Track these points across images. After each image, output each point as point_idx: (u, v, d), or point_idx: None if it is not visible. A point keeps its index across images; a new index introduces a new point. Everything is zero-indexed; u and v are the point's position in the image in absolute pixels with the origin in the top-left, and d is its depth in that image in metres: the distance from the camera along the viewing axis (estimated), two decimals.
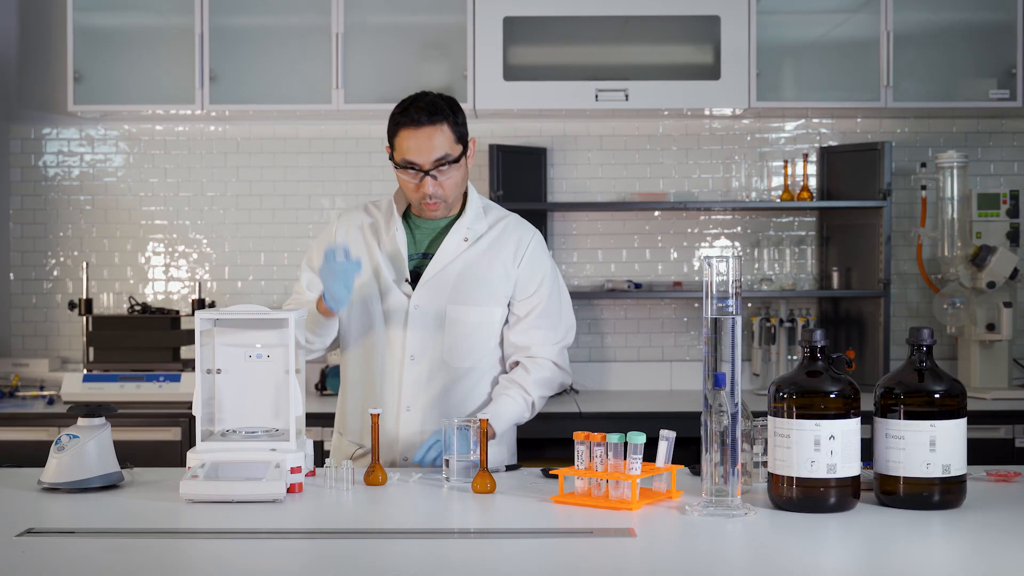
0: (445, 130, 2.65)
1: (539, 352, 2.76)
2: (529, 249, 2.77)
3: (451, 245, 2.74)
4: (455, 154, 2.67)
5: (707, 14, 4.20)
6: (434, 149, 2.64)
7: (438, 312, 2.72)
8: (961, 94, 4.31)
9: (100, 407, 2.47)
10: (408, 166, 2.66)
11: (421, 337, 2.71)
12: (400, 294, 2.73)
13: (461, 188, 2.73)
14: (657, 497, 2.28)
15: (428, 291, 2.72)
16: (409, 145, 2.64)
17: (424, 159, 2.64)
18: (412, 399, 2.72)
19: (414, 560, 1.91)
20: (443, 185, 2.67)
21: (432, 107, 2.66)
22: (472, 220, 2.76)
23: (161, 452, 3.84)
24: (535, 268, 2.77)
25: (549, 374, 2.76)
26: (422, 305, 2.72)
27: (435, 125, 2.64)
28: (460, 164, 2.69)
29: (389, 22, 4.30)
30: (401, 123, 2.66)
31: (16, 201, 4.64)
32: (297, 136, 4.63)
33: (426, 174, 2.65)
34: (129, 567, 1.87)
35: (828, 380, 2.18)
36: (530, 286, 2.76)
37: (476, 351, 2.75)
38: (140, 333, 4.19)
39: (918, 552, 1.95)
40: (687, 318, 4.65)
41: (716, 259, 2.18)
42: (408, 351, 2.72)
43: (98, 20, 4.32)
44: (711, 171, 4.64)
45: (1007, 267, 4.18)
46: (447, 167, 2.66)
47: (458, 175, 2.70)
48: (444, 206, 2.72)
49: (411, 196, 2.72)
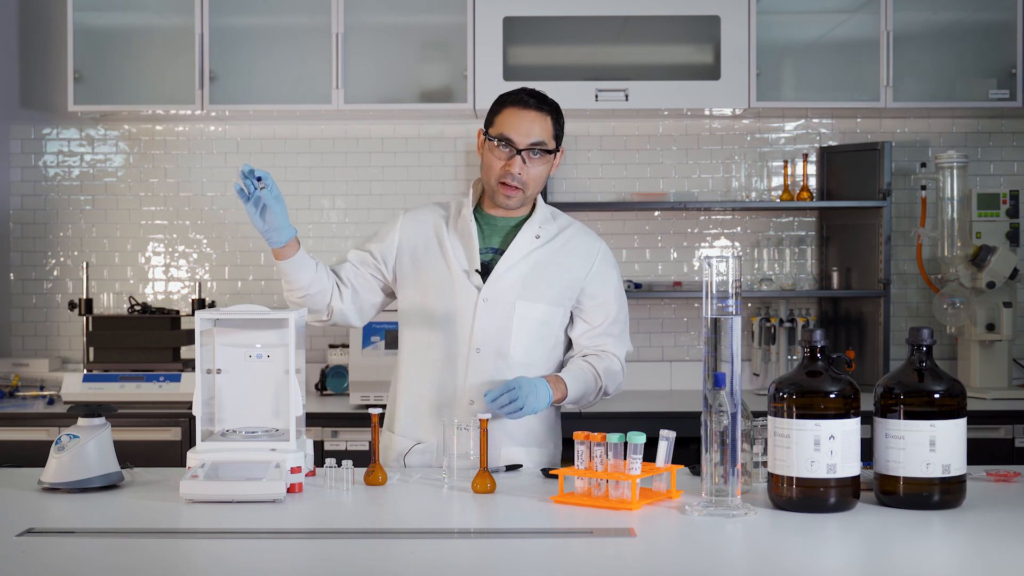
0: (547, 121, 2.73)
1: (611, 350, 2.81)
2: (599, 258, 2.82)
3: (524, 241, 2.76)
4: (550, 146, 2.72)
5: (707, 14, 4.20)
6: (533, 133, 2.69)
7: (506, 306, 2.72)
8: (961, 94, 4.31)
9: (100, 407, 2.47)
10: (504, 141, 2.70)
11: (488, 330, 2.72)
12: (470, 286, 2.73)
13: (540, 186, 2.77)
14: (657, 497, 2.28)
15: (498, 285, 2.73)
16: (511, 122, 2.70)
17: (522, 139, 2.69)
18: (476, 393, 2.70)
19: (414, 560, 1.91)
20: (528, 172, 2.71)
21: (542, 97, 2.75)
22: (542, 221, 2.80)
23: (161, 452, 3.84)
24: (608, 278, 2.82)
25: (617, 369, 2.80)
26: (491, 298, 2.72)
27: (541, 112, 2.72)
28: (548, 160, 2.74)
29: (389, 22, 4.30)
30: (509, 101, 2.73)
31: (16, 201, 4.64)
32: (297, 136, 4.63)
33: (519, 152, 2.69)
34: (129, 567, 1.87)
35: (828, 380, 2.18)
36: (603, 296, 2.80)
37: (538, 349, 2.76)
38: (140, 333, 4.19)
39: (918, 552, 1.95)
40: (687, 318, 4.65)
41: (716, 259, 2.19)
42: (474, 344, 2.72)
43: (98, 20, 4.33)
44: (711, 171, 4.64)
45: (1007, 267, 4.18)
46: (538, 156, 2.71)
47: (543, 169, 2.74)
48: (520, 196, 2.73)
49: (492, 177, 2.73)
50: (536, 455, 2.78)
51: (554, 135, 2.74)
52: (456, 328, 2.72)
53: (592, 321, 2.80)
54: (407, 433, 2.78)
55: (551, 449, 2.83)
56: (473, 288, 2.72)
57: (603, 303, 2.80)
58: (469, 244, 2.75)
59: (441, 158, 4.62)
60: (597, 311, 2.80)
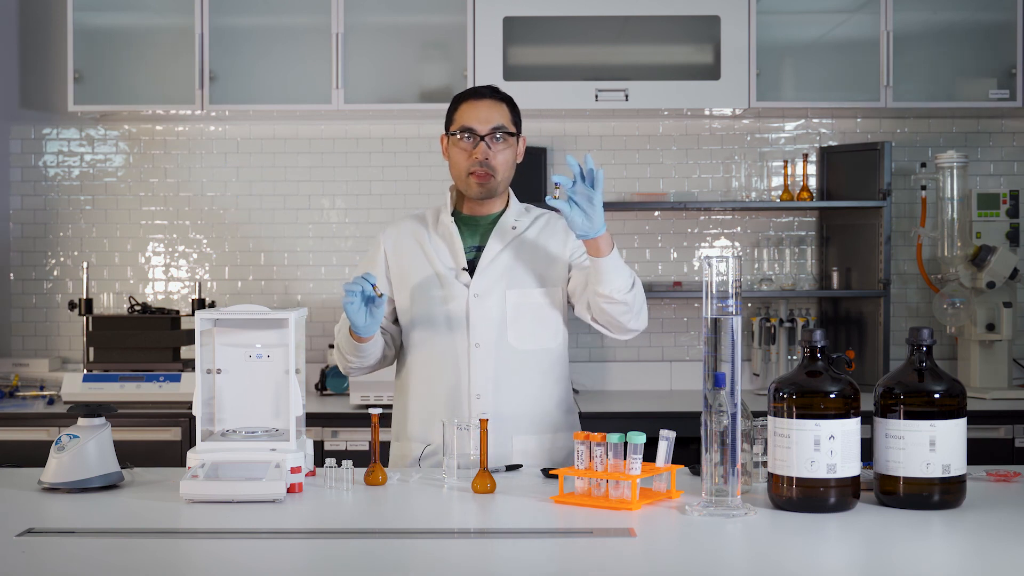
0: (504, 108, 2.81)
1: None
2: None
3: (503, 232, 2.82)
4: (511, 129, 2.80)
5: (707, 14, 4.20)
6: (492, 119, 2.77)
7: (497, 298, 2.77)
8: (961, 94, 4.31)
9: (100, 407, 2.47)
10: (466, 131, 2.77)
11: (483, 324, 2.76)
12: (459, 285, 2.78)
13: (510, 171, 2.83)
14: (657, 497, 2.28)
15: (486, 278, 2.78)
16: (470, 113, 2.78)
17: (482, 126, 2.77)
18: (481, 387, 2.74)
19: (414, 560, 1.91)
20: (495, 157, 2.77)
21: (494, 88, 2.85)
22: (517, 214, 2.87)
23: (161, 452, 3.84)
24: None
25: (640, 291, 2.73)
26: (482, 293, 2.77)
27: (496, 100, 2.81)
28: (512, 144, 2.81)
29: (389, 22, 4.30)
30: (464, 97, 2.83)
31: (16, 201, 4.64)
32: (297, 136, 4.63)
33: (482, 139, 2.76)
34: (129, 567, 1.87)
35: (828, 380, 2.18)
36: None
37: (539, 334, 2.79)
38: (140, 333, 4.19)
39: (918, 552, 1.95)
40: (687, 318, 4.65)
41: (716, 259, 2.18)
42: (472, 339, 2.75)
43: (98, 20, 4.33)
44: (711, 171, 4.64)
45: (1007, 267, 4.18)
46: (501, 140, 2.77)
47: (509, 154, 2.80)
48: (492, 183, 2.78)
49: (461, 171, 2.79)
50: (549, 442, 2.77)
51: (513, 121, 2.82)
52: (453, 327, 2.76)
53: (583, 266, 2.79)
54: (420, 437, 2.79)
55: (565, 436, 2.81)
56: (462, 286, 2.77)
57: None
58: (453, 244, 2.81)
59: (441, 158, 4.61)
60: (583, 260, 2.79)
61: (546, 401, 2.80)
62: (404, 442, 2.83)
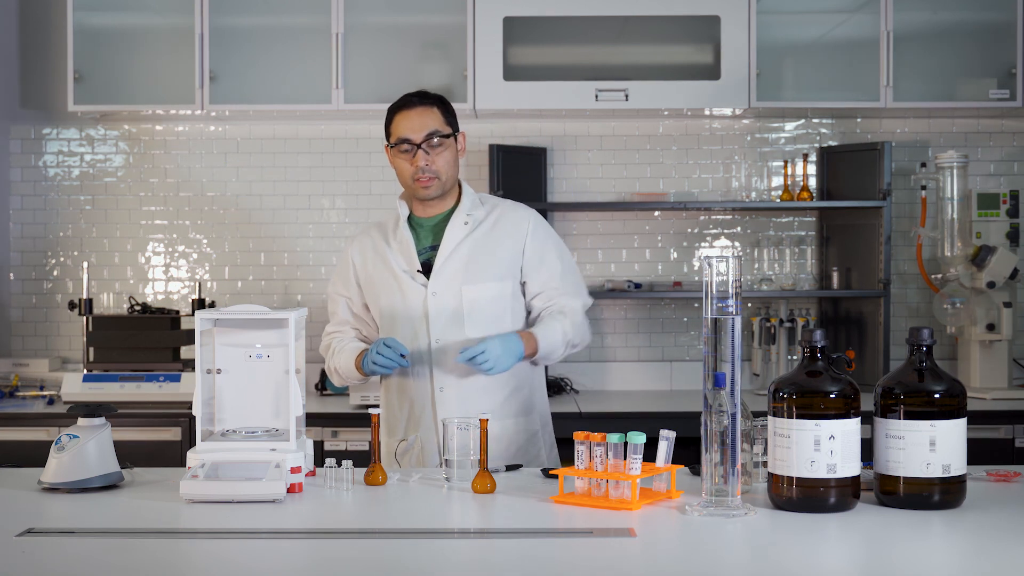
0: (435, 112, 2.90)
1: (569, 307, 2.95)
2: (531, 226, 2.95)
3: (455, 229, 2.92)
4: (444, 131, 2.89)
5: (707, 14, 4.20)
6: (425, 126, 2.87)
7: (453, 295, 2.88)
8: (961, 94, 4.31)
9: (100, 407, 2.47)
10: (402, 143, 2.86)
11: (442, 322, 2.88)
12: (417, 286, 2.90)
13: (453, 169, 2.92)
14: (657, 497, 2.28)
15: (442, 277, 2.89)
16: (403, 124, 2.88)
17: (416, 134, 2.86)
18: (443, 380, 2.88)
19: (414, 560, 1.91)
20: (435, 161, 2.87)
21: (423, 94, 2.94)
22: (469, 208, 2.96)
23: (161, 452, 3.84)
24: (542, 239, 2.96)
25: (580, 321, 2.94)
26: (439, 291, 2.89)
27: (426, 106, 2.90)
28: (451, 143, 2.91)
29: (389, 22, 4.30)
30: (395, 109, 2.92)
31: (16, 201, 4.64)
32: (297, 136, 4.63)
33: (418, 147, 2.85)
34: (129, 567, 1.87)
35: (828, 380, 2.18)
36: (543, 258, 2.95)
37: (497, 326, 2.89)
38: (140, 333, 4.19)
39: (918, 552, 1.95)
40: (687, 318, 4.65)
41: (716, 259, 2.18)
42: (433, 336, 2.87)
43: (98, 20, 4.33)
44: (711, 171, 4.64)
45: (1007, 267, 4.18)
46: (438, 143, 2.87)
47: (449, 155, 2.90)
48: (438, 184, 2.89)
49: (406, 178, 2.91)
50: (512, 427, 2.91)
51: (446, 122, 2.91)
52: (415, 327, 2.90)
53: (540, 280, 2.94)
54: (394, 432, 2.96)
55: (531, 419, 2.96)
56: (420, 287, 2.90)
57: (544, 262, 2.94)
58: (406, 248, 2.92)
59: None
60: (540, 271, 2.94)
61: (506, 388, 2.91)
62: (387, 438, 2.98)
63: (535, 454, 2.95)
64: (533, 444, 2.96)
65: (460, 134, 2.96)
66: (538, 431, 2.98)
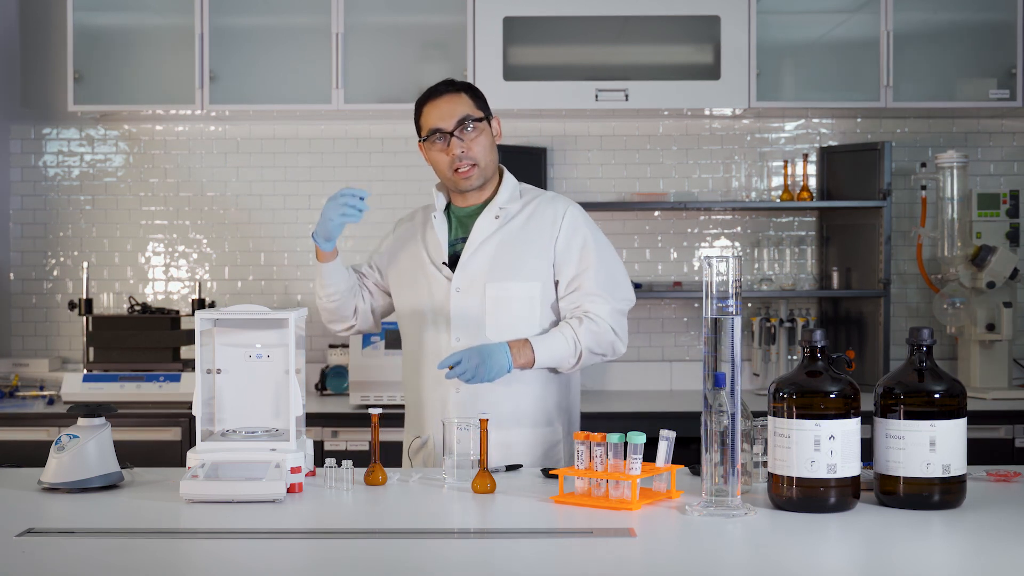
0: (464, 98, 2.78)
1: (593, 311, 2.74)
2: (565, 220, 2.78)
3: (484, 224, 2.79)
4: (477, 116, 2.76)
5: (707, 14, 4.20)
6: (455, 112, 2.75)
7: (478, 292, 2.75)
8: (961, 94, 4.31)
9: (100, 407, 2.47)
10: (434, 133, 2.75)
11: (465, 318, 2.75)
12: (442, 279, 2.79)
13: (491, 155, 2.79)
14: (657, 497, 2.28)
15: (467, 272, 2.77)
16: (433, 114, 2.77)
17: (447, 122, 2.74)
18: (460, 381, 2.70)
19: (414, 560, 1.91)
20: (471, 147, 2.75)
21: (449, 81, 2.83)
22: (506, 200, 2.82)
23: (161, 452, 3.84)
24: (573, 237, 2.77)
25: (601, 330, 2.73)
26: (463, 287, 2.76)
27: (453, 93, 2.78)
28: (485, 127, 2.78)
29: (389, 22, 4.30)
30: (422, 101, 2.81)
31: (16, 201, 4.64)
32: (297, 136, 4.63)
33: (451, 135, 2.73)
34: (129, 567, 1.87)
35: (828, 380, 2.18)
36: (572, 255, 2.77)
37: (518, 328, 2.74)
38: (140, 333, 4.19)
39: (918, 552, 1.95)
40: (687, 318, 4.65)
41: (716, 259, 2.18)
42: (454, 333, 2.76)
43: (98, 20, 4.33)
44: (711, 171, 4.64)
45: (1007, 267, 4.18)
46: (471, 128, 2.75)
47: (485, 140, 2.77)
48: (478, 171, 2.76)
49: (444, 170, 2.78)
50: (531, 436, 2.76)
51: (477, 107, 2.79)
52: (437, 321, 2.79)
53: (566, 280, 2.77)
54: (411, 428, 2.88)
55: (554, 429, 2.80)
56: (445, 280, 2.78)
57: (572, 260, 2.76)
58: (436, 241, 2.82)
59: None
60: (568, 269, 2.76)
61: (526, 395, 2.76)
62: (406, 433, 2.90)
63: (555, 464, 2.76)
64: (551, 455, 2.79)
65: (494, 119, 2.82)
66: (560, 442, 2.81)
